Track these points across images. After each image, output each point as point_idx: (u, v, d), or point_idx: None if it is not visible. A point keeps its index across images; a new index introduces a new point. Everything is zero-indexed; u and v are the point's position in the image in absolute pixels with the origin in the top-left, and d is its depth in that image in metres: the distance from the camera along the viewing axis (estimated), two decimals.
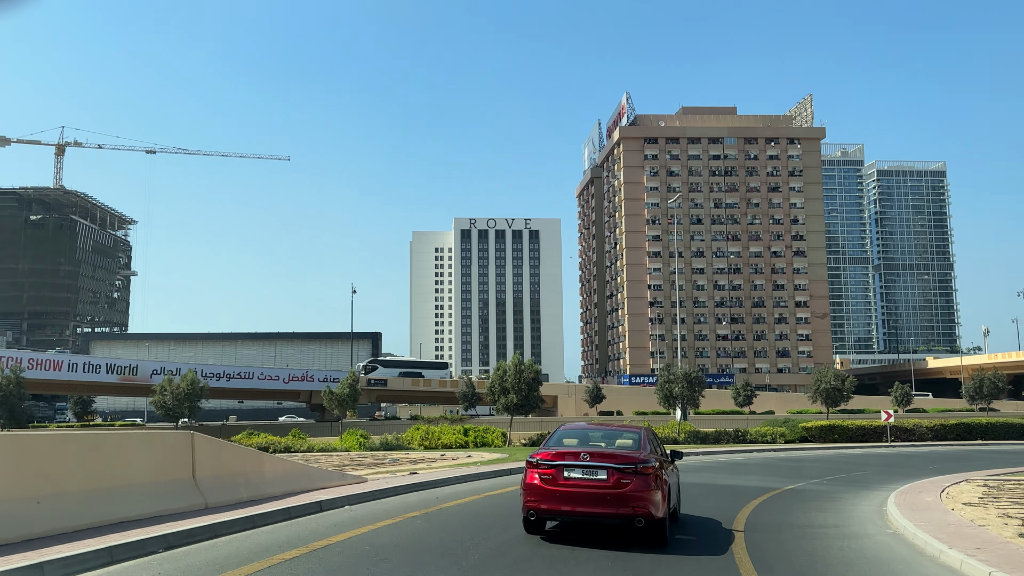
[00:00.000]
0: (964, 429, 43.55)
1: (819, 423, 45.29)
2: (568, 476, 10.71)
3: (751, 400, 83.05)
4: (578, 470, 10.70)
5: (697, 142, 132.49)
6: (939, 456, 35.07)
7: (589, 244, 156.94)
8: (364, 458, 31.14)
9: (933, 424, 43.97)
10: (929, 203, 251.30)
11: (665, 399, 45.95)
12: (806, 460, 32.13)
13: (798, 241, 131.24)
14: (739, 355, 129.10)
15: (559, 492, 10.66)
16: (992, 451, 38.84)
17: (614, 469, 10.60)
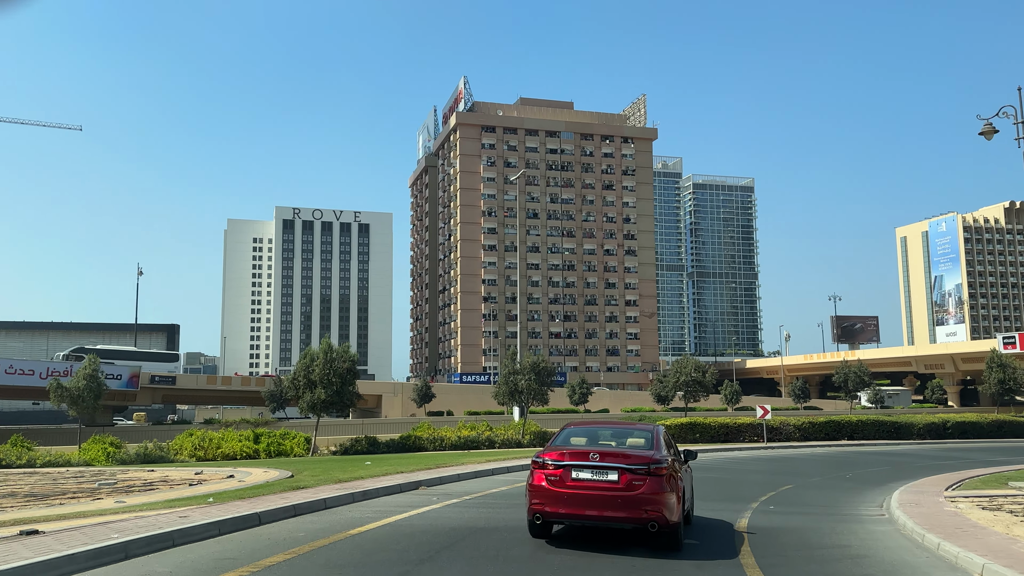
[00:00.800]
0: (833, 428, 39.14)
1: (677, 421, 39.21)
2: (577, 477, 10.00)
3: (587, 398, 78.62)
4: (587, 471, 9.98)
5: (535, 134, 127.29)
6: (836, 461, 29.49)
7: (422, 236, 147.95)
8: (81, 478, 20.54)
9: (800, 422, 39.22)
10: (738, 216, 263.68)
11: (509, 394, 37.91)
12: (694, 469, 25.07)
13: (630, 240, 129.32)
14: (571, 353, 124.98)
15: (567, 494, 9.95)
16: (887, 453, 34.04)
17: (625, 470, 9.88)
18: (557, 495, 10.01)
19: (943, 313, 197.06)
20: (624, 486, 9.81)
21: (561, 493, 9.98)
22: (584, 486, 9.95)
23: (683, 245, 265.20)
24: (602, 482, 9.91)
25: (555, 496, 10.02)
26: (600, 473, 9.94)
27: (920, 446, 38.06)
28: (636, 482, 9.80)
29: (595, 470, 9.96)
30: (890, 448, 36.44)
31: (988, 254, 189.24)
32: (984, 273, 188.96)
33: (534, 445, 37.08)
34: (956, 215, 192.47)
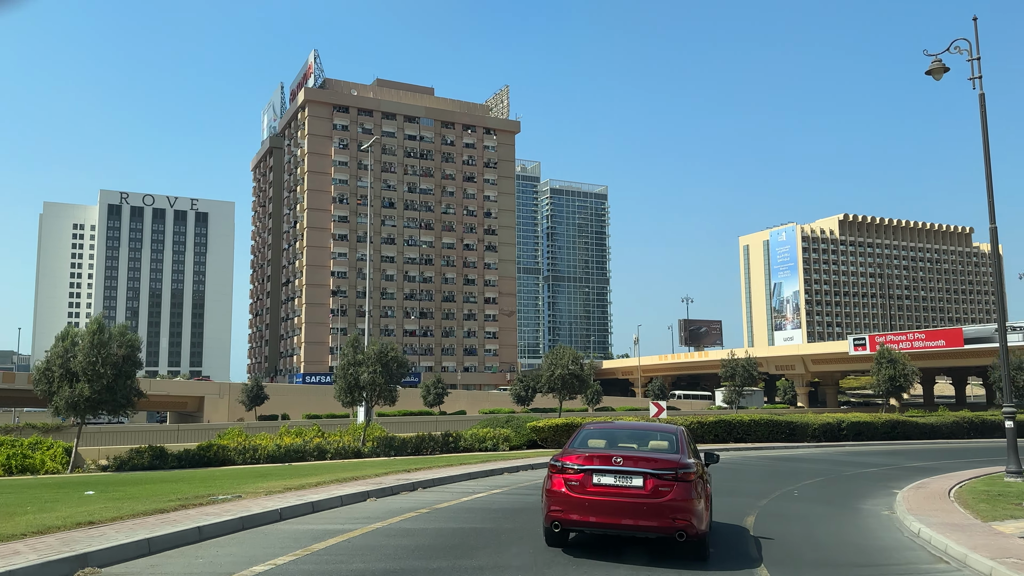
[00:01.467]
0: (723, 429, 33.94)
1: (553, 422, 32.48)
2: (598, 483, 9.26)
3: (442, 399, 71.72)
4: (610, 476, 9.23)
5: (392, 118, 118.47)
6: (758, 470, 23.66)
7: (264, 224, 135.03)
8: None
9: (689, 422, 33.63)
10: (592, 222, 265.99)
11: (348, 391, 29.68)
12: None
13: (490, 236, 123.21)
14: (427, 352, 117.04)
15: (588, 501, 9.20)
16: (795, 459, 28.67)
17: (651, 475, 9.11)
18: (578, 501, 9.20)
19: (781, 319, 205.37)
20: (650, 492, 9.05)
21: (582, 499, 9.18)
22: (607, 492, 9.17)
23: (540, 249, 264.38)
24: (626, 488, 9.14)
25: (575, 503, 9.21)
26: (624, 478, 9.17)
27: (822, 449, 33.56)
28: (663, 488, 9.03)
29: (619, 475, 9.19)
30: (792, 452, 31.55)
31: (824, 263, 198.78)
32: (820, 281, 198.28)
33: (378, 454, 29.32)
34: (795, 225, 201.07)
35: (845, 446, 34.60)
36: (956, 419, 38.65)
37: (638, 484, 9.12)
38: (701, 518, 9.16)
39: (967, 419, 38.96)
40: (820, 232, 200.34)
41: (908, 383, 44.51)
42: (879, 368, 44.28)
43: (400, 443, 30.27)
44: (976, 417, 39.29)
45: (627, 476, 9.16)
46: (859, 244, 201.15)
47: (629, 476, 9.15)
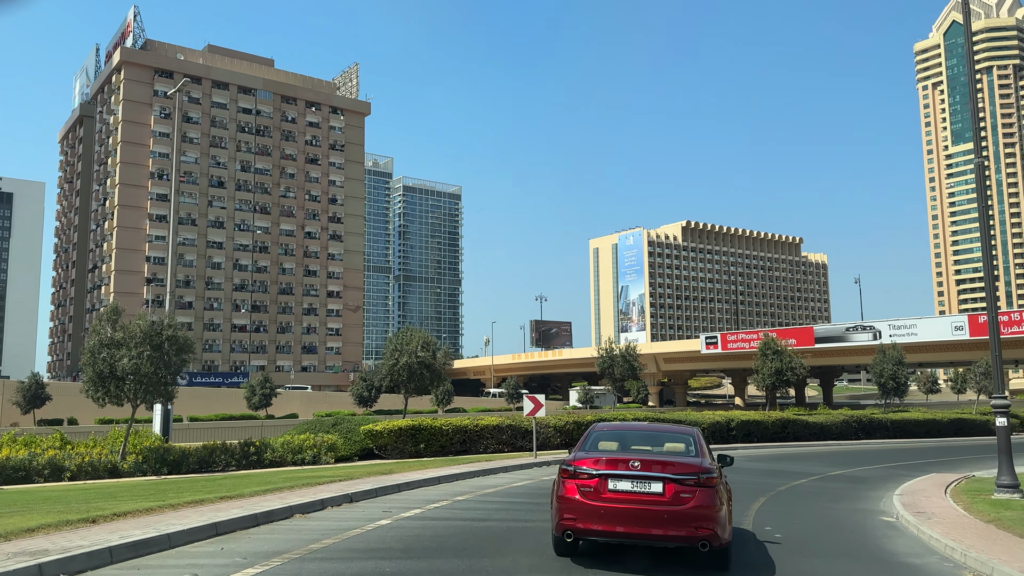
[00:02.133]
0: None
1: (395, 424, 24.78)
2: (614, 488, 8.49)
3: (270, 400, 62.33)
4: (627, 481, 8.48)
5: (225, 88, 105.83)
6: None
7: (71, 203, 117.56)
8: None
9: (562, 423, 27.19)
10: (446, 222, 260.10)
11: (98, 382, 20.60)
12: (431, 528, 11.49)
13: (335, 224, 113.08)
14: (259, 350, 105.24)
15: (603, 508, 8.44)
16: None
17: (672, 480, 8.39)
18: (592, 509, 8.51)
19: (627, 321, 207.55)
20: (670, 499, 8.36)
21: (597, 507, 8.50)
22: (624, 499, 8.48)
23: (391, 247, 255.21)
24: (644, 494, 8.45)
25: (589, 510, 8.51)
26: (642, 484, 8.47)
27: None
28: (684, 494, 8.34)
29: (636, 480, 8.48)
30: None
31: (668, 267, 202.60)
32: (664, 285, 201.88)
33: (144, 472, 20.76)
34: (642, 230, 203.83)
35: (738, 448, 29.36)
36: (846, 418, 35.01)
37: (657, 490, 8.41)
38: (724, 526, 8.44)
39: (856, 418, 35.44)
40: (665, 237, 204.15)
41: (796, 376, 40.80)
42: (763, 362, 40.34)
43: (179, 456, 21.69)
44: (864, 416, 35.88)
45: (645, 481, 8.44)
46: (701, 250, 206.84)
47: (647, 481, 8.44)
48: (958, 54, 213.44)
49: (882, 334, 72.32)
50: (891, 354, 42.74)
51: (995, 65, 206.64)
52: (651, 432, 10.17)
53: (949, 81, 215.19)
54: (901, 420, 36.61)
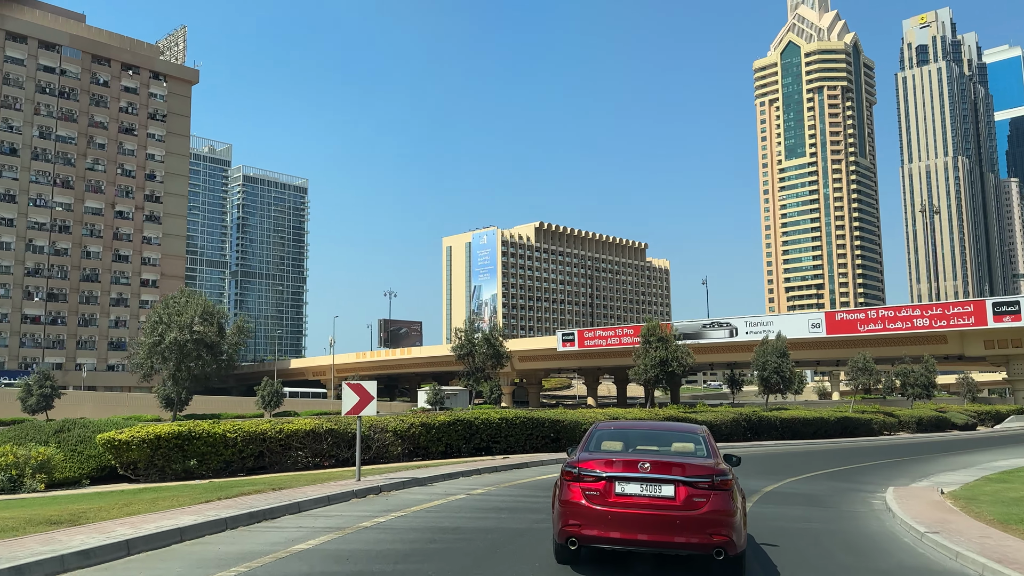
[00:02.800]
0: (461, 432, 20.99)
1: (151, 431, 16.57)
2: (622, 492, 7.80)
3: (51, 403, 50.79)
4: (635, 484, 7.79)
5: (22, 41, 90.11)
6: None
7: None
8: None
9: (406, 426, 20.40)
10: (290, 216, 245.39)
11: None
12: None
13: (153, 203, 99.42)
14: (56, 345, 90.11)
15: (611, 514, 7.72)
16: None
17: (684, 483, 7.71)
18: (598, 514, 7.75)
19: (479, 321, 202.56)
20: (682, 503, 7.67)
21: (603, 512, 7.75)
22: (632, 503, 7.75)
23: (228, 241, 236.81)
24: (655, 498, 7.73)
25: (595, 515, 7.76)
26: (652, 487, 7.75)
27: None
28: (698, 498, 7.66)
29: (646, 483, 7.77)
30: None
31: (521, 268, 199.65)
32: (517, 285, 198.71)
33: None
34: (496, 230, 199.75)
35: None
36: (735, 416, 30.35)
37: (668, 494, 7.73)
38: (740, 533, 7.74)
39: (745, 417, 30.82)
40: (519, 238, 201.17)
41: (682, 367, 35.96)
42: (646, 351, 35.22)
43: None
44: (753, 415, 31.35)
45: (656, 484, 7.76)
46: (553, 251, 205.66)
47: (658, 484, 7.75)
48: (793, 73, 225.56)
49: (739, 331, 70.37)
50: (775, 345, 38.97)
51: (826, 85, 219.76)
52: (657, 431, 9.48)
53: (784, 99, 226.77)
54: (791, 419, 32.53)
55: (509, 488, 14.91)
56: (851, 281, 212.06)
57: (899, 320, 60.72)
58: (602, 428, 9.30)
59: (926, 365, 45.62)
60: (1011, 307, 55.92)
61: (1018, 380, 59.50)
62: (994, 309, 56.59)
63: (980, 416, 49.66)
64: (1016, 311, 55.44)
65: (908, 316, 60.92)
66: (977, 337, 59.23)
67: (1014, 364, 59.59)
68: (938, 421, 44.82)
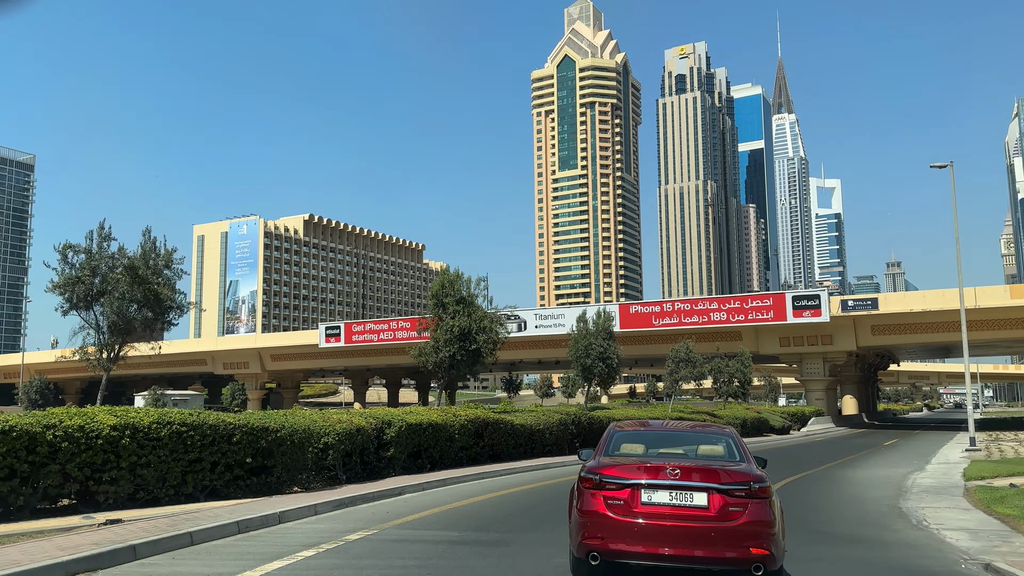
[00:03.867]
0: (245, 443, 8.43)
1: None
2: (649, 501, 6.94)
3: None
4: (664, 492, 6.94)
5: None
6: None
7: None
8: None
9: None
10: (10, 197, 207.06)
11: None
12: None
13: None
14: None
15: (638, 526, 6.84)
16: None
17: (719, 491, 6.87)
18: (624, 526, 6.86)
19: (235, 320, 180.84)
20: (717, 513, 6.83)
21: (629, 524, 6.86)
22: (661, 513, 6.87)
23: None
24: (687, 508, 6.87)
25: (620, 527, 6.86)
26: (683, 495, 6.90)
27: (468, 484, 12.51)
28: (734, 508, 6.82)
29: (675, 491, 6.92)
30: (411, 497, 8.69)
31: (287, 263, 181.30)
32: (281, 282, 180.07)
33: None
34: (259, 219, 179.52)
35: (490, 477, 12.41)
36: (561, 418, 20.42)
37: (701, 503, 6.88)
38: (780, 546, 6.93)
39: (574, 418, 21.18)
40: (285, 230, 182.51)
41: (490, 344, 25.42)
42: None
43: None
44: (583, 416, 21.87)
45: (687, 492, 6.90)
46: (324, 247, 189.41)
47: (689, 492, 6.90)
48: (568, 86, 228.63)
49: (528, 324, 61.88)
50: (600, 323, 29.84)
51: (598, 101, 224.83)
52: (681, 432, 8.60)
53: (560, 111, 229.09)
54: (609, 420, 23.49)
55: None
56: (615, 290, 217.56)
57: (696, 314, 55.32)
58: (621, 429, 8.40)
59: (742, 360, 39.55)
60: (811, 301, 52.38)
61: (810, 380, 56.57)
62: (794, 303, 52.77)
63: (792, 418, 44.80)
64: (816, 305, 51.93)
65: (705, 310, 55.75)
66: (772, 334, 55.36)
67: (807, 363, 56.56)
68: (759, 424, 38.70)
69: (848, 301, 53.03)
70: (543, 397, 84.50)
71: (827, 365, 56.12)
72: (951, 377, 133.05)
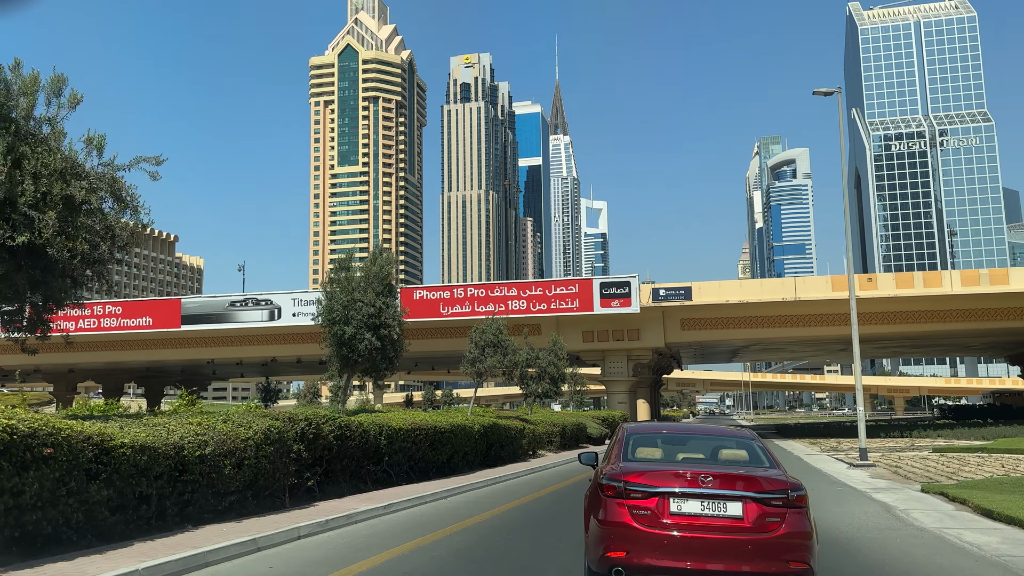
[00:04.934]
0: None
1: None
2: (679, 511, 6.30)
3: None
4: (695, 501, 6.30)
5: None
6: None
7: None
8: None
9: None
10: None
11: None
12: None
13: None
14: None
15: (667, 538, 6.18)
16: None
17: (755, 500, 6.28)
18: (652, 539, 6.18)
19: None
20: (752, 524, 6.21)
21: (658, 536, 6.18)
22: (693, 525, 6.22)
23: None
24: (719, 518, 6.25)
25: (648, 540, 6.18)
26: (716, 505, 6.27)
27: None
28: (771, 518, 6.22)
29: (708, 500, 6.28)
30: None
31: None
32: None
33: None
34: None
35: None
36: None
37: (736, 513, 6.26)
38: (816, 558, 6.38)
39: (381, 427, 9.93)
40: None
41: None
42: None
43: None
44: (383, 420, 10.65)
45: (720, 502, 6.27)
46: None
47: (723, 502, 6.27)
48: (350, 78, 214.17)
49: (283, 311, 48.82)
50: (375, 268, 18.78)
51: (382, 96, 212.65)
52: (703, 435, 7.86)
53: (340, 102, 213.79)
54: (413, 430, 12.61)
55: None
56: None
57: (492, 301, 45.71)
58: (636, 432, 7.77)
59: (556, 352, 30.52)
60: (621, 289, 44.79)
61: (613, 380, 49.25)
62: (602, 291, 44.94)
63: (605, 424, 36.44)
64: (626, 294, 44.44)
65: (503, 297, 46.40)
66: (575, 327, 47.29)
67: (610, 361, 49.16)
68: (577, 432, 29.71)
69: (660, 290, 46.33)
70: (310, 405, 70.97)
71: (631, 364, 49.19)
72: (716, 385, 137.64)
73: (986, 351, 70.38)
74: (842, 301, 41.41)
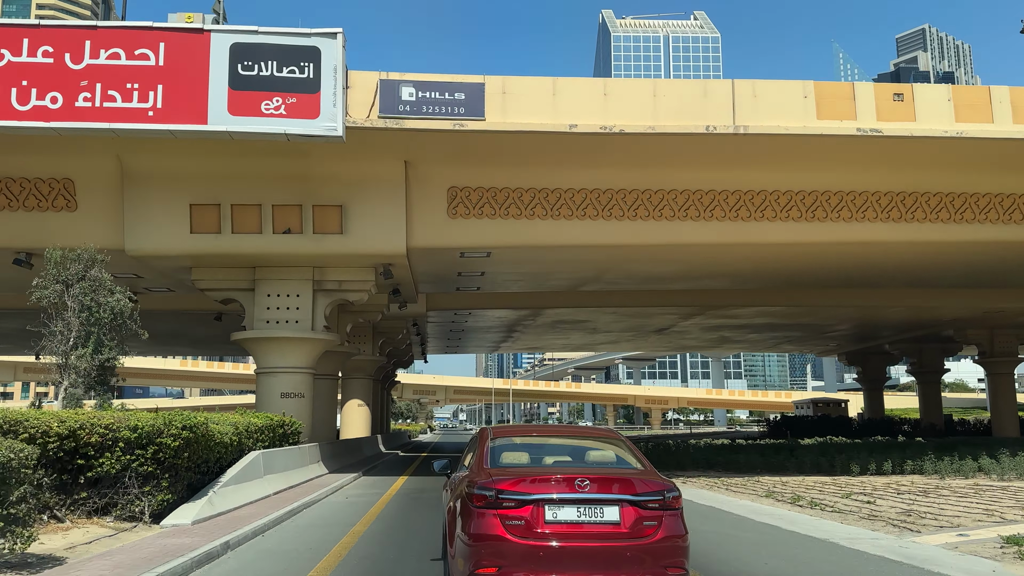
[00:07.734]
0: None
1: None
2: (554, 519, 5.63)
3: None
4: (571, 507, 5.66)
5: None
6: None
7: None
8: None
9: None
10: None
11: None
12: None
13: None
14: None
15: (544, 548, 5.52)
16: None
17: (631, 503, 5.73)
18: (527, 551, 5.50)
19: None
20: (630, 529, 5.67)
21: (534, 548, 5.51)
22: (569, 533, 5.60)
23: None
24: (596, 524, 5.66)
25: (523, 552, 5.50)
26: (592, 510, 5.65)
27: None
28: (648, 522, 5.70)
29: (584, 506, 5.65)
30: None
31: None
32: None
33: None
34: None
35: None
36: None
37: (613, 518, 5.68)
38: (689, 560, 5.90)
39: None
40: None
41: None
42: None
43: None
44: None
45: (597, 507, 5.66)
46: None
47: (599, 507, 5.66)
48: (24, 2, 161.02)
49: None
50: None
51: None
52: (565, 436, 7.41)
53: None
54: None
55: None
56: None
57: None
58: (498, 436, 6.76)
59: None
60: (292, 63, 15.42)
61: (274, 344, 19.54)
62: (235, 66, 15.21)
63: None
64: (310, 82, 15.23)
65: None
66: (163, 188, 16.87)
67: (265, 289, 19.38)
68: None
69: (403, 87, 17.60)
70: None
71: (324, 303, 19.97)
72: (461, 393, 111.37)
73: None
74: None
